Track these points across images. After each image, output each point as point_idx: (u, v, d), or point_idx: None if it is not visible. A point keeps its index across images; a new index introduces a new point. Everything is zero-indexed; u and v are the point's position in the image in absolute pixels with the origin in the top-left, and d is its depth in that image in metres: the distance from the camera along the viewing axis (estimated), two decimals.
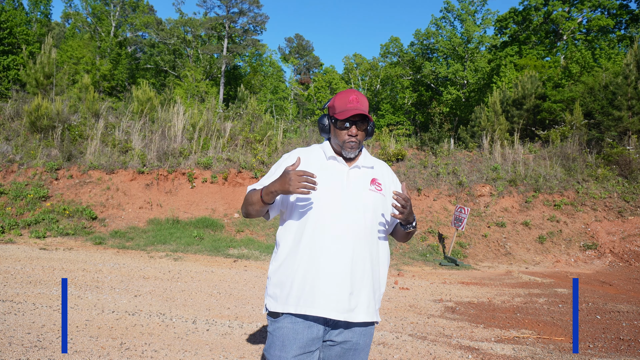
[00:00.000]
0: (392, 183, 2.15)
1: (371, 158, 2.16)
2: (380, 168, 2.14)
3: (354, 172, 2.03)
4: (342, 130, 1.99)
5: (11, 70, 19.98)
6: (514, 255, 9.86)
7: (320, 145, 2.14)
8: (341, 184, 1.97)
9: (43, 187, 10.13)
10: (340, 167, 2.02)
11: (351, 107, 1.97)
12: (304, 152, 2.07)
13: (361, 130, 2.01)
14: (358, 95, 2.01)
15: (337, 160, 2.03)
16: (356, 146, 2.00)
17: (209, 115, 13.00)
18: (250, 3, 32.23)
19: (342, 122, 1.99)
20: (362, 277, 1.92)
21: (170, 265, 7.21)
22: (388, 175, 2.15)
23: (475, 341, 4.40)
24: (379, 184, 2.06)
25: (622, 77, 13.02)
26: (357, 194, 1.97)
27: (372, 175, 2.07)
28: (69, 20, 34.75)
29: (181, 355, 3.63)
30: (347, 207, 1.93)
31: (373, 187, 2.03)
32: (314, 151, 2.09)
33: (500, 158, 12.73)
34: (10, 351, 3.46)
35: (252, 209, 1.97)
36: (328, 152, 2.05)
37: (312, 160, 2.03)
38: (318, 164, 2.02)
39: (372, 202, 1.99)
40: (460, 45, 26.81)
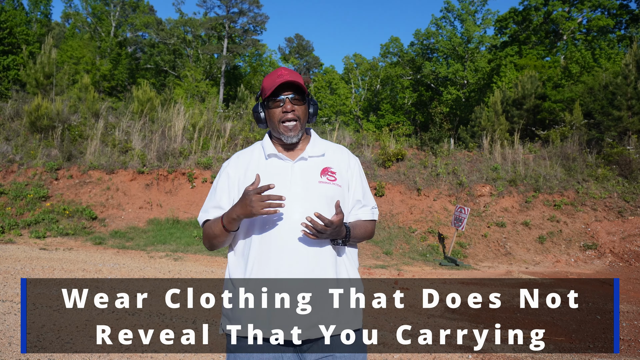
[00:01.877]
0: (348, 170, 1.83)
1: (323, 144, 1.86)
2: (333, 154, 1.84)
3: (300, 166, 1.75)
4: (275, 109, 1.73)
5: (11, 70, 19.98)
6: (514, 255, 9.86)
7: (261, 142, 1.88)
8: (285, 183, 1.70)
9: (43, 187, 10.13)
10: (282, 164, 1.76)
11: (280, 80, 1.71)
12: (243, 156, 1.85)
13: (299, 105, 1.75)
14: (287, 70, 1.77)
15: (277, 156, 1.77)
16: (296, 127, 1.74)
17: (209, 115, 13.01)
18: (250, 3, 32.22)
19: (273, 98, 1.73)
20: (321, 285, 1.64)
21: (170, 265, 7.21)
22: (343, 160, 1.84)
23: (475, 341, 4.40)
24: (332, 173, 1.77)
25: (621, 77, 13.01)
26: (305, 191, 1.70)
27: (323, 164, 1.78)
28: (69, 20, 34.75)
29: (181, 356, 3.63)
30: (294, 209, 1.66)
31: (324, 177, 1.75)
32: (255, 151, 1.85)
33: (500, 158, 12.73)
34: (10, 351, 3.46)
35: (218, 242, 1.74)
36: (267, 149, 1.79)
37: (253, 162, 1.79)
38: (258, 166, 1.77)
39: (324, 196, 1.71)
40: (461, 45, 26.81)
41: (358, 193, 1.84)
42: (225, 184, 1.80)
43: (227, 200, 1.77)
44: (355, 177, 1.84)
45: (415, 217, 10.94)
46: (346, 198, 1.79)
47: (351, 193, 1.82)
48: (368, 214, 1.85)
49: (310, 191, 1.70)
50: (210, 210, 1.79)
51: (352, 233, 1.72)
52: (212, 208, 1.79)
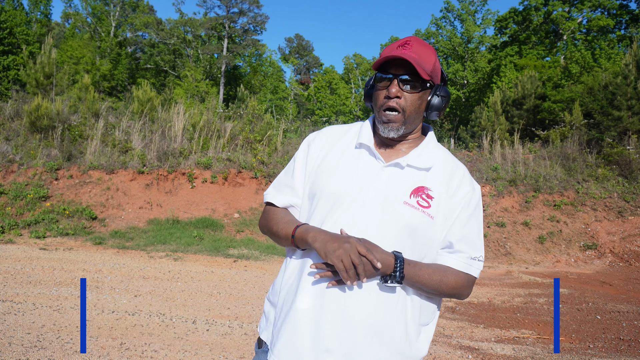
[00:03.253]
0: (454, 197, 1.32)
1: (434, 154, 1.36)
2: (442, 171, 1.34)
3: (391, 173, 1.31)
4: (379, 91, 1.32)
5: (11, 70, 20.00)
6: (514, 255, 9.87)
7: (364, 122, 1.46)
8: (361, 191, 1.29)
9: (43, 187, 10.13)
10: (371, 163, 1.33)
11: (396, 51, 1.27)
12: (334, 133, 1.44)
13: (410, 92, 1.29)
14: (416, 40, 1.31)
15: (370, 150, 1.35)
16: (397, 119, 1.29)
17: (209, 115, 13.01)
18: (250, 3, 32.24)
19: (381, 76, 1.31)
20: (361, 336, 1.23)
21: (170, 266, 7.21)
22: (453, 183, 1.33)
23: (475, 341, 4.40)
24: (427, 197, 1.29)
25: (621, 77, 13.02)
26: (386, 210, 1.26)
27: (421, 181, 1.31)
28: (69, 20, 34.76)
29: (181, 355, 3.63)
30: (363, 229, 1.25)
31: (414, 200, 1.28)
32: (349, 133, 1.43)
33: (500, 158, 12.73)
34: (10, 351, 3.46)
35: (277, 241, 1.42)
36: (361, 136, 1.37)
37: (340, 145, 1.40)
38: (341, 153, 1.37)
39: (407, 224, 1.26)
40: (461, 45, 26.83)
41: (454, 233, 1.31)
42: (304, 160, 1.42)
43: (302, 184, 1.41)
44: (461, 213, 1.32)
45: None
46: (437, 237, 1.30)
47: (445, 231, 1.31)
48: (459, 262, 1.31)
49: (386, 212, 1.26)
50: (282, 189, 1.44)
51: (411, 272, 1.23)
52: (285, 186, 1.44)
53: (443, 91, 1.34)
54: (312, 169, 1.39)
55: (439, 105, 1.34)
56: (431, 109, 1.34)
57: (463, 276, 1.31)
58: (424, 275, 1.25)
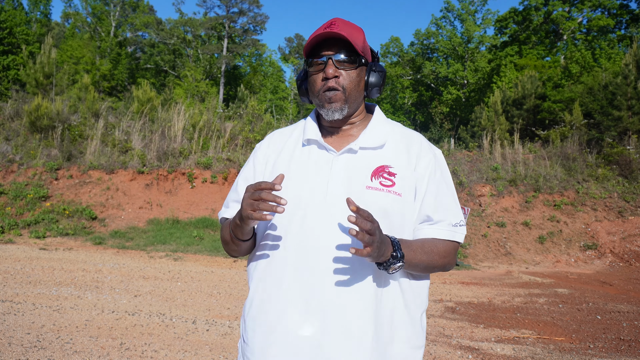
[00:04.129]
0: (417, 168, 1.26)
1: (385, 129, 1.31)
2: (397, 145, 1.28)
3: (345, 161, 1.24)
4: (315, 75, 1.24)
5: (11, 70, 20.00)
6: (514, 255, 9.86)
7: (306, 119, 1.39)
8: (319, 186, 1.22)
9: (43, 187, 10.13)
10: (322, 156, 1.26)
11: (323, 33, 1.20)
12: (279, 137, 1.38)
13: (348, 70, 1.22)
14: (341, 20, 1.25)
15: (318, 144, 1.28)
16: (339, 98, 1.22)
17: (209, 115, 13.01)
18: (250, 3, 32.25)
19: (313, 60, 1.23)
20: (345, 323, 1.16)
21: (170, 266, 7.20)
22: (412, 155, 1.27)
23: (475, 341, 4.40)
24: (389, 175, 1.22)
25: (621, 77, 13.02)
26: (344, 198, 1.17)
27: (379, 161, 1.24)
28: (68, 20, 34.77)
29: (181, 355, 3.63)
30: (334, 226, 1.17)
31: (376, 182, 1.21)
32: (295, 133, 1.36)
33: (500, 158, 12.73)
34: (10, 351, 3.46)
35: (230, 249, 1.32)
36: (307, 132, 1.30)
37: (288, 148, 1.33)
38: (290, 153, 1.30)
39: (378, 209, 1.17)
40: (461, 45, 26.83)
41: (428, 205, 1.25)
42: (252, 172, 1.36)
43: None
44: (430, 184, 1.26)
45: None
46: (409, 213, 1.24)
47: (418, 204, 1.25)
48: (443, 231, 1.25)
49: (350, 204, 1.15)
50: (231, 204, 1.38)
51: (407, 253, 1.15)
52: (232, 202, 1.38)
53: (379, 67, 1.30)
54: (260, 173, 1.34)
55: (378, 82, 1.29)
56: (371, 86, 1.29)
57: (450, 244, 1.26)
58: (417, 251, 1.19)
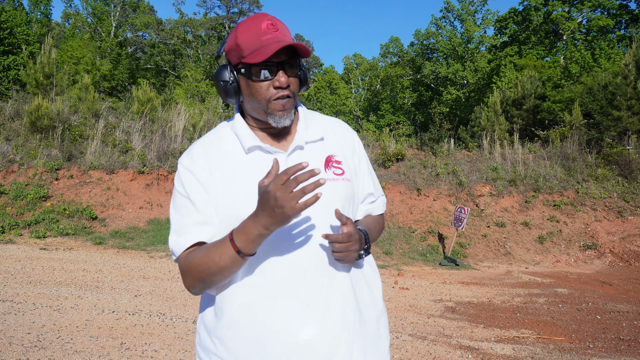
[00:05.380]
0: (354, 153, 1.35)
1: (316, 121, 1.33)
2: (333, 134, 1.34)
3: (297, 159, 1.24)
4: (263, 82, 1.18)
5: (11, 70, 20.00)
6: (514, 255, 9.87)
7: (230, 124, 1.29)
8: None
9: (43, 187, 10.13)
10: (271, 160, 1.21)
11: (269, 38, 1.15)
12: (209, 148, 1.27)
13: (294, 76, 1.22)
14: (273, 19, 1.20)
15: (263, 149, 1.23)
16: (290, 104, 1.21)
17: (209, 115, 13.02)
18: (250, 3, 32.26)
19: (261, 69, 1.18)
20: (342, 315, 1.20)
21: (170, 265, 7.21)
22: (346, 140, 1.35)
23: (475, 341, 4.40)
24: (337, 163, 1.28)
25: (621, 77, 13.02)
26: None
27: (325, 152, 1.29)
28: (69, 20, 34.78)
29: (181, 355, 3.64)
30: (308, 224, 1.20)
31: (330, 173, 1.26)
32: (225, 141, 1.27)
33: (500, 158, 12.73)
34: (10, 351, 3.46)
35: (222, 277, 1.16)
36: (246, 140, 1.23)
37: (228, 158, 1.24)
38: (234, 168, 1.22)
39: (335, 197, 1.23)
40: (460, 45, 26.83)
41: (368, 183, 1.38)
42: (199, 188, 1.22)
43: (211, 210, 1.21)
44: (362, 162, 1.37)
45: (415, 217, 10.95)
46: (357, 194, 1.33)
47: (361, 184, 1.36)
48: (380, 208, 1.42)
49: None
50: (192, 229, 1.21)
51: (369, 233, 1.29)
52: (194, 226, 1.21)
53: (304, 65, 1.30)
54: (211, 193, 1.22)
55: (306, 78, 1.29)
56: (302, 84, 1.29)
57: (383, 218, 1.46)
58: (374, 233, 1.35)
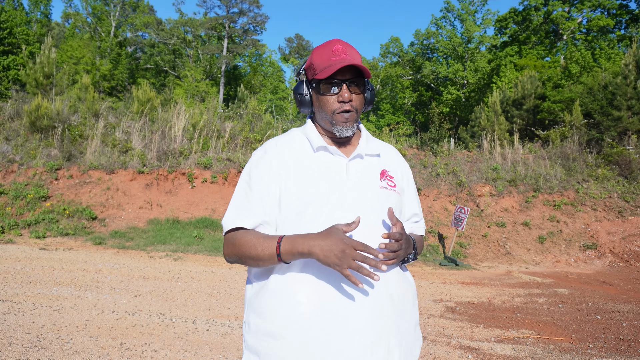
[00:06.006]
0: (404, 175, 1.57)
1: (374, 140, 1.56)
2: (388, 154, 1.55)
3: (356, 165, 1.44)
4: (329, 96, 1.39)
5: (11, 70, 20.00)
6: (514, 255, 9.86)
7: (301, 129, 1.52)
8: (341, 186, 1.38)
9: (43, 187, 10.13)
10: (336, 161, 1.42)
11: (337, 59, 1.36)
12: (284, 145, 1.46)
13: (357, 94, 1.41)
14: (344, 44, 1.41)
15: (329, 150, 1.43)
16: (352, 118, 1.40)
17: (209, 115, 13.01)
18: (250, 3, 32.24)
19: (328, 84, 1.38)
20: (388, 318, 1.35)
21: (170, 266, 7.20)
22: (400, 163, 1.57)
23: (475, 341, 4.40)
24: (390, 177, 1.48)
25: (621, 77, 13.02)
26: (367, 197, 1.39)
27: (381, 165, 1.49)
28: (69, 20, 34.77)
29: (181, 355, 3.63)
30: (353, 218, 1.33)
31: (384, 182, 1.45)
32: (296, 142, 1.47)
33: (500, 158, 12.73)
34: (10, 351, 3.46)
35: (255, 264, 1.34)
36: (315, 141, 1.44)
37: (296, 156, 1.43)
38: (303, 161, 1.42)
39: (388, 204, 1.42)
40: (461, 45, 26.83)
41: (415, 204, 1.59)
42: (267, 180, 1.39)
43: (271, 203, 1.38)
44: (411, 186, 1.59)
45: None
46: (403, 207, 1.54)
47: (407, 204, 1.56)
48: (422, 229, 1.63)
49: (370, 198, 1.39)
50: (247, 217, 1.37)
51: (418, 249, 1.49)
52: (248, 213, 1.38)
53: (370, 85, 1.50)
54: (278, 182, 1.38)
55: (372, 99, 1.50)
56: (367, 102, 1.50)
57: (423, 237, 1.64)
58: (419, 246, 1.52)
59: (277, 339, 1.31)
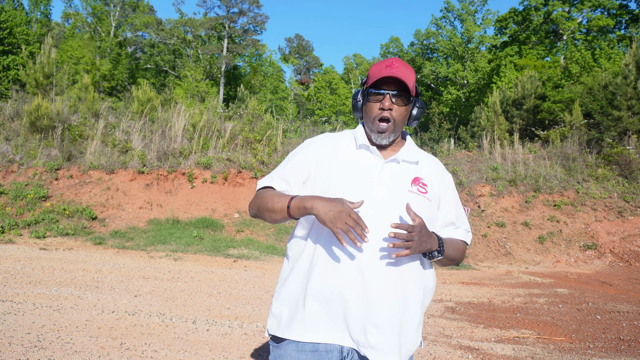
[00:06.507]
0: (441, 184, 1.66)
1: (417, 151, 1.68)
2: (427, 164, 1.66)
3: (391, 167, 1.58)
4: (373, 103, 1.56)
5: (11, 70, 20.00)
6: (514, 255, 9.86)
7: (352, 130, 1.71)
8: (371, 182, 1.54)
9: (43, 187, 10.13)
10: (373, 160, 1.58)
11: (386, 72, 1.52)
12: (332, 139, 1.67)
13: (399, 105, 1.55)
14: (399, 61, 1.56)
15: (370, 150, 1.59)
16: (389, 128, 1.55)
17: (209, 115, 13.01)
18: (250, 3, 32.24)
19: (375, 92, 1.55)
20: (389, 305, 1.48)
21: (170, 266, 7.21)
22: (437, 174, 1.67)
23: (475, 341, 4.40)
24: (423, 185, 1.60)
25: (621, 77, 13.02)
26: (392, 197, 1.53)
27: (415, 172, 1.61)
28: (69, 20, 34.76)
29: (181, 355, 3.63)
30: (376, 214, 1.49)
31: (415, 187, 1.58)
32: (344, 138, 1.67)
33: (500, 158, 12.73)
34: (10, 351, 3.46)
35: (269, 216, 1.56)
36: (359, 139, 1.62)
37: (340, 150, 1.62)
38: (345, 154, 1.60)
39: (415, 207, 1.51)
40: (461, 45, 26.82)
41: (451, 214, 1.68)
42: (303, 161, 1.62)
43: (296, 178, 1.60)
44: (449, 196, 1.68)
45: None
46: (434, 216, 1.63)
47: (442, 213, 1.66)
48: (462, 235, 1.70)
49: (396, 199, 1.53)
50: (276, 180, 1.63)
51: (447, 249, 1.56)
52: (278, 178, 1.62)
53: (420, 103, 1.64)
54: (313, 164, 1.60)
55: (419, 115, 1.65)
56: (412, 118, 1.65)
57: (464, 244, 1.71)
58: (450, 247, 1.59)
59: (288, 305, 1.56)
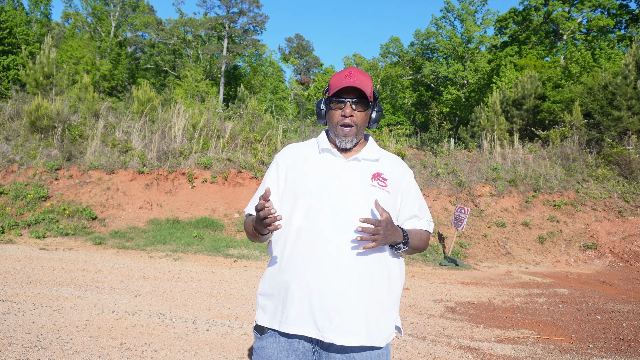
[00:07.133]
0: (402, 179, 1.79)
1: (378, 150, 1.82)
2: (387, 161, 1.80)
3: (352, 166, 1.72)
4: (335, 111, 1.71)
5: (11, 70, 19.99)
6: (514, 255, 9.86)
7: (316, 137, 1.86)
8: (334, 181, 1.67)
9: (43, 187, 10.13)
10: (335, 161, 1.73)
11: (345, 82, 1.66)
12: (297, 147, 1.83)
13: (359, 111, 1.70)
14: (357, 71, 1.71)
15: (331, 152, 1.74)
16: (351, 132, 1.70)
17: (209, 115, 13.00)
18: (250, 3, 32.24)
19: (335, 101, 1.70)
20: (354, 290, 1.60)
21: (170, 266, 7.20)
22: (398, 169, 1.80)
23: (475, 341, 4.40)
24: (383, 179, 1.72)
25: (621, 77, 13.02)
26: (354, 191, 1.66)
27: (376, 169, 1.74)
28: (69, 20, 34.76)
29: (181, 355, 3.63)
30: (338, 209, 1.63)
31: (375, 182, 1.70)
32: (308, 145, 1.83)
33: (500, 158, 12.72)
34: (10, 351, 3.46)
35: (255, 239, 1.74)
36: (321, 144, 1.76)
37: (305, 154, 1.78)
38: (309, 159, 1.75)
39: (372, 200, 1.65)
40: (461, 45, 26.81)
41: (415, 207, 1.81)
42: (274, 175, 1.77)
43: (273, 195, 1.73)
44: (412, 190, 1.81)
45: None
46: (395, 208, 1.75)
47: (407, 207, 1.79)
48: (425, 225, 1.83)
49: (357, 193, 1.66)
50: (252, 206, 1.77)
51: (411, 240, 1.69)
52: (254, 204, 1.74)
53: (378, 107, 1.79)
54: (283, 173, 1.76)
55: (378, 118, 1.79)
56: (372, 121, 1.79)
57: (428, 234, 1.85)
58: (414, 238, 1.73)
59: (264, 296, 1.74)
